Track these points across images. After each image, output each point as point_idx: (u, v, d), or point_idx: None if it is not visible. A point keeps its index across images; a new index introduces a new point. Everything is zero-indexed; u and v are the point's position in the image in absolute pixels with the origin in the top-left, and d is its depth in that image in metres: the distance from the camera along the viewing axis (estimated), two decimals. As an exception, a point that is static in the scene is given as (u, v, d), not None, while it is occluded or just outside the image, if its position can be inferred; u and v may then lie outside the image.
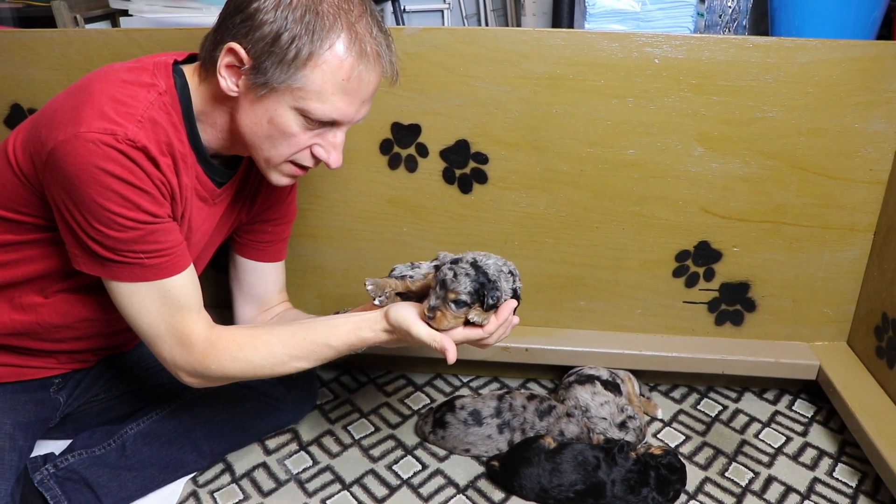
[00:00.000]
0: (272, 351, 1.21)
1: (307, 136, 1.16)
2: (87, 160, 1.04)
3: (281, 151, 1.17)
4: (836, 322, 1.70)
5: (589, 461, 1.42)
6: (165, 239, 1.14)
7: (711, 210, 1.59)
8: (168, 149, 1.12)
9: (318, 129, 1.16)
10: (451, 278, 1.16)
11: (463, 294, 1.15)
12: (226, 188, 1.32)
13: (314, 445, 1.61)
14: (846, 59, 1.43)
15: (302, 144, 1.17)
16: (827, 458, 1.57)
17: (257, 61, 1.08)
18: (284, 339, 1.22)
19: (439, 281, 1.17)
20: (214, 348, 1.19)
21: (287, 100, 1.11)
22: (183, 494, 1.47)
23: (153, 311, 1.16)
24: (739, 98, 1.48)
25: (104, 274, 1.14)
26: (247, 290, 1.52)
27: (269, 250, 1.50)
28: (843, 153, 1.51)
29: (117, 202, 1.07)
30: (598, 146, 1.54)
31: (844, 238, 1.60)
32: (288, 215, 1.50)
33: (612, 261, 1.66)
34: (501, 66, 1.49)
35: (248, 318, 1.53)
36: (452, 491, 1.48)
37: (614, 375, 1.67)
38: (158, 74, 1.14)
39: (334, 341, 1.22)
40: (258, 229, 1.47)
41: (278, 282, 1.54)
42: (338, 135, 1.18)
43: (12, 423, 1.32)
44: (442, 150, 1.58)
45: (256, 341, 1.22)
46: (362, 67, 1.11)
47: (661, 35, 1.45)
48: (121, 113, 1.06)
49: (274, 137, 1.15)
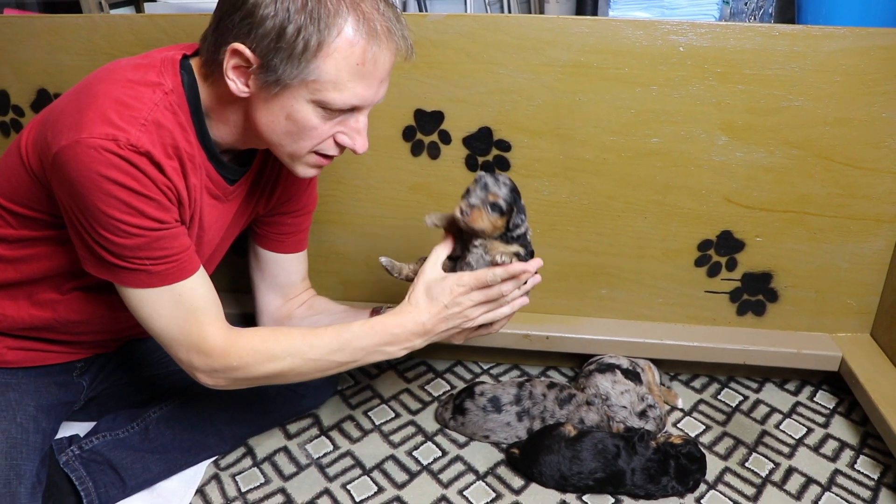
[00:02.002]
0: (292, 341, 1.22)
1: (328, 125, 1.12)
2: (89, 167, 1.02)
3: (303, 145, 1.14)
4: (859, 313, 1.69)
5: (609, 449, 1.42)
6: (172, 245, 1.12)
7: (735, 200, 1.58)
8: (174, 151, 1.09)
9: (340, 117, 1.12)
10: (493, 182, 1.19)
11: (501, 199, 1.18)
12: (239, 184, 1.30)
13: (335, 430, 1.62)
14: (874, 48, 1.42)
15: (325, 135, 1.14)
16: (849, 449, 1.56)
17: (265, 59, 1.04)
18: (305, 331, 1.23)
19: (480, 182, 1.20)
20: (235, 346, 1.18)
21: (303, 94, 1.07)
22: (205, 477, 1.49)
23: (165, 315, 1.15)
24: (765, 87, 1.47)
25: (112, 278, 1.13)
26: (269, 279, 1.52)
27: (290, 241, 1.49)
28: (870, 143, 1.50)
29: (121, 209, 1.05)
30: (622, 134, 1.54)
31: (869, 229, 1.58)
32: (308, 206, 1.49)
33: (635, 249, 1.66)
34: (525, 54, 1.49)
35: (272, 308, 1.53)
36: (472, 477, 1.49)
37: (635, 364, 1.67)
38: (165, 72, 1.11)
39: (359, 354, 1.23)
40: (278, 221, 1.46)
41: (300, 271, 1.54)
42: (360, 119, 1.14)
43: (35, 406, 1.33)
44: (465, 137, 1.58)
45: (279, 332, 1.23)
46: (375, 48, 1.06)
47: (686, 23, 1.44)
48: (124, 117, 1.03)
49: (294, 133, 1.12)
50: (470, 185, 1.22)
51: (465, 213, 1.18)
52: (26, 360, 1.35)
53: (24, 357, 1.34)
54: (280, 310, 1.53)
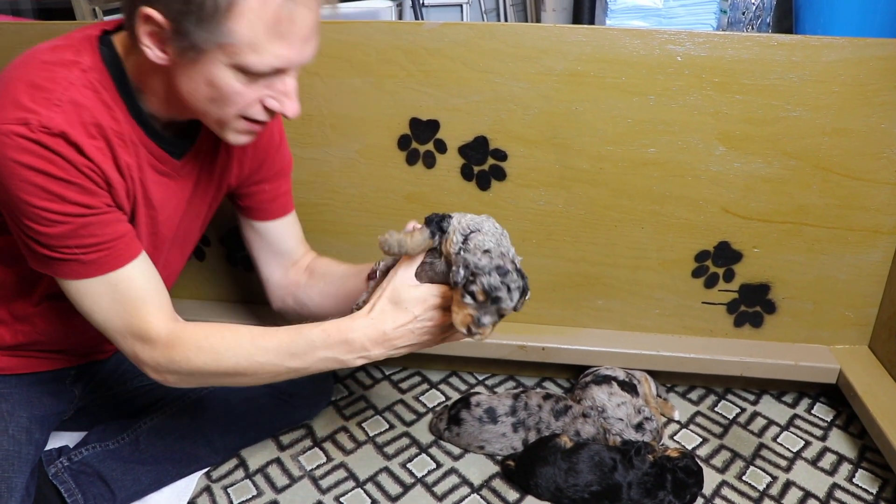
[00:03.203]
0: (240, 341, 1.14)
1: (253, 89, 1.05)
2: (3, 154, 0.98)
3: (228, 111, 1.07)
4: (857, 325, 1.68)
5: (605, 462, 1.40)
6: (103, 232, 1.06)
7: (732, 210, 1.57)
8: (97, 130, 1.03)
9: (264, 81, 1.04)
10: (506, 295, 1.03)
11: (512, 307, 1.05)
12: (188, 158, 1.23)
13: (328, 442, 1.60)
14: (873, 58, 1.41)
15: (249, 99, 1.06)
16: (847, 463, 1.55)
17: (176, 23, 0.96)
18: (256, 332, 1.15)
19: (492, 296, 1.03)
20: (179, 340, 1.12)
21: (220, 58, 1.00)
22: (197, 489, 1.47)
23: (104, 307, 1.11)
24: (763, 97, 1.46)
25: (49, 271, 1.09)
26: (265, 250, 1.47)
27: (272, 207, 1.43)
28: (868, 154, 1.49)
29: (41, 196, 1.00)
30: (618, 144, 1.53)
31: (867, 240, 1.57)
32: (282, 168, 1.42)
33: (631, 260, 1.65)
34: (521, 63, 1.48)
35: (275, 279, 1.48)
36: (467, 490, 1.47)
37: (631, 376, 1.66)
38: (83, 50, 1.05)
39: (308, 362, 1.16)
40: (254, 190, 1.40)
41: (292, 235, 1.48)
42: (287, 81, 1.06)
43: (28, 417, 1.32)
44: (460, 146, 1.57)
45: (226, 331, 1.15)
46: (291, 4, 0.98)
47: (684, 32, 1.43)
48: (36, 99, 0.98)
49: (217, 99, 1.05)
50: (475, 290, 1.03)
51: (476, 333, 1.04)
52: (18, 367, 1.33)
53: (17, 364, 1.33)
54: (285, 279, 1.47)
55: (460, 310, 1.05)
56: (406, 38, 1.48)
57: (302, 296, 1.46)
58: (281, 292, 1.49)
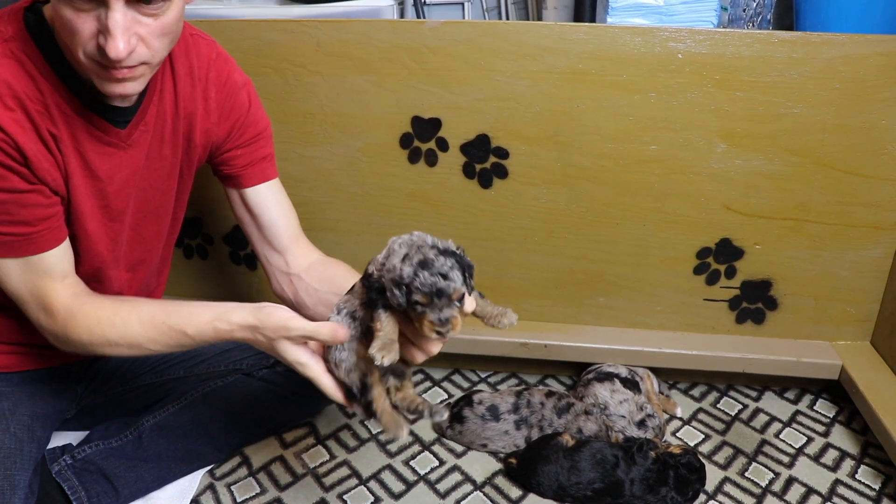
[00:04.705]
0: (130, 330, 1.12)
1: (83, 20, 0.96)
2: None
3: (75, 48, 0.99)
4: (859, 321, 1.68)
5: (608, 459, 1.41)
6: (19, 212, 1.06)
7: (734, 207, 1.57)
8: (15, 102, 1.01)
9: (92, 12, 0.96)
10: (446, 283, 0.98)
11: (461, 287, 1.00)
12: (135, 126, 1.18)
13: (331, 440, 1.61)
14: (874, 55, 1.41)
15: (83, 32, 0.97)
16: (849, 459, 1.55)
17: None
18: (145, 319, 1.12)
19: (433, 291, 0.97)
20: (74, 318, 1.12)
21: None
22: (200, 487, 1.47)
23: (14, 278, 1.11)
24: (764, 94, 1.46)
25: None
26: (253, 225, 1.40)
27: (250, 173, 1.36)
28: (870, 150, 1.49)
29: None
30: (620, 142, 1.53)
31: (869, 236, 1.57)
32: (257, 134, 1.36)
33: (633, 257, 1.65)
34: (523, 61, 1.48)
35: (275, 263, 1.41)
36: (469, 487, 1.48)
37: (633, 373, 1.66)
38: (6, 20, 1.04)
39: (191, 330, 1.11)
40: (228, 157, 1.35)
41: (277, 204, 1.40)
42: (109, 15, 0.95)
43: (30, 415, 1.32)
44: (462, 144, 1.57)
45: (116, 318, 1.13)
46: None
47: (685, 29, 1.43)
48: None
49: (64, 35, 1.00)
50: (418, 298, 0.98)
51: (443, 332, 0.99)
52: (21, 364, 1.34)
53: (19, 361, 1.33)
54: (285, 267, 1.40)
55: (421, 322, 1.00)
56: (408, 37, 1.48)
57: (303, 298, 1.39)
58: (281, 279, 1.41)
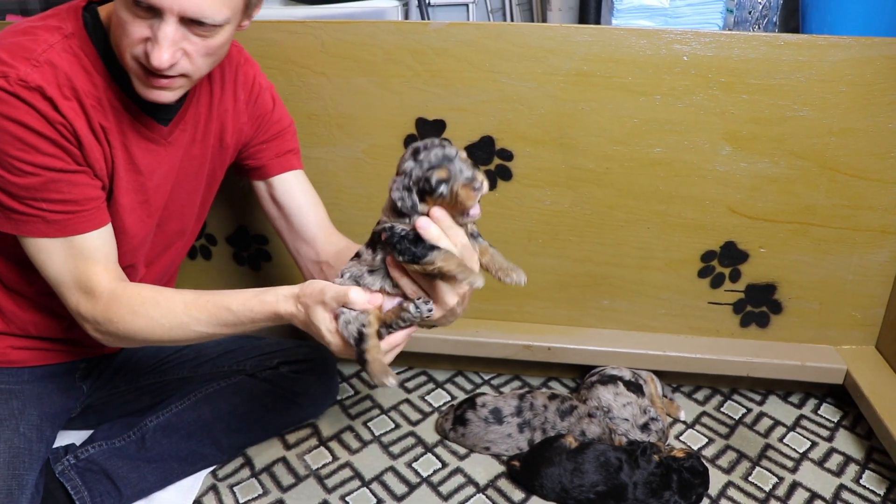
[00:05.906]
0: (173, 309, 1.14)
1: (137, 26, 1.04)
2: None
3: (123, 47, 1.07)
4: (864, 326, 1.67)
5: (611, 462, 1.40)
6: (70, 191, 1.10)
7: (738, 210, 1.57)
8: (72, 92, 1.08)
9: (148, 20, 1.03)
10: (447, 149, 0.99)
11: (462, 151, 1.00)
12: (178, 124, 1.25)
13: (334, 441, 1.60)
14: (880, 58, 1.40)
15: (134, 35, 1.04)
16: (854, 464, 1.55)
17: None
18: (188, 300, 1.14)
19: (442, 160, 0.98)
20: (118, 300, 1.14)
21: None
22: (203, 488, 1.47)
23: (58, 262, 1.14)
24: (769, 96, 1.46)
25: (12, 229, 1.12)
26: (285, 221, 1.43)
27: (276, 163, 1.42)
28: (875, 153, 1.49)
29: (14, 145, 1.05)
30: (625, 144, 1.53)
31: (875, 240, 1.57)
32: (281, 131, 1.42)
33: (637, 260, 1.64)
34: (527, 63, 1.48)
35: (305, 253, 1.43)
36: (472, 490, 1.47)
37: (637, 376, 1.66)
38: (67, 18, 1.12)
39: (235, 305, 1.12)
40: (255, 152, 1.41)
41: (303, 192, 1.44)
42: (161, 27, 1.02)
43: (39, 414, 1.33)
44: (467, 146, 1.57)
45: (160, 297, 1.15)
46: None
47: (690, 32, 1.43)
48: (16, 56, 1.05)
49: (117, 35, 1.07)
50: (441, 187, 0.99)
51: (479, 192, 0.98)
52: (30, 359, 1.34)
53: (28, 357, 1.34)
54: (315, 255, 1.42)
55: (455, 198, 0.99)
56: (412, 38, 1.48)
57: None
58: (312, 269, 1.43)
